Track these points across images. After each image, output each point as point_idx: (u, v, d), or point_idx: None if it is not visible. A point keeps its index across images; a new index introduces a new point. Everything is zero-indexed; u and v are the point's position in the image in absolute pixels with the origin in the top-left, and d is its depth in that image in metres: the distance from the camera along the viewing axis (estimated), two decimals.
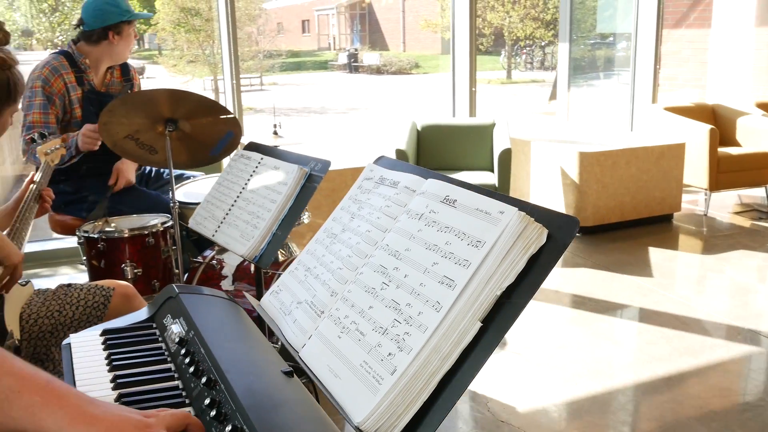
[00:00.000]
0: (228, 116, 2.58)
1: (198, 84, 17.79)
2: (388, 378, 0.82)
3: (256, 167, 2.27)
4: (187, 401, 1.12)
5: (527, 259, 0.82)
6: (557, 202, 4.99)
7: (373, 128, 14.26)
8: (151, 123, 2.55)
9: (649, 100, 6.04)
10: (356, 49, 29.07)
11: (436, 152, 4.97)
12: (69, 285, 2.08)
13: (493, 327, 0.80)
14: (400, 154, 4.48)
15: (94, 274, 2.71)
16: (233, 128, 2.62)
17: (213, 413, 1.03)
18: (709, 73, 7.05)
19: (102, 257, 2.68)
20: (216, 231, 2.24)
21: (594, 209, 4.86)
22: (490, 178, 4.51)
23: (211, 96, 16.26)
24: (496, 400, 2.76)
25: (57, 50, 3.15)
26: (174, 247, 2.79)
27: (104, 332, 1.42)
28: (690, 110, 5.75)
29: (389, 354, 0.84)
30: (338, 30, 33.71)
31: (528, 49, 24.45)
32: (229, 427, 0.98)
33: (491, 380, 2.91)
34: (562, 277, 4.16)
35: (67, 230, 3.16)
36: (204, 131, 2.62)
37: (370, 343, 0.89)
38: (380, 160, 1.24)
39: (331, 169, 4.38)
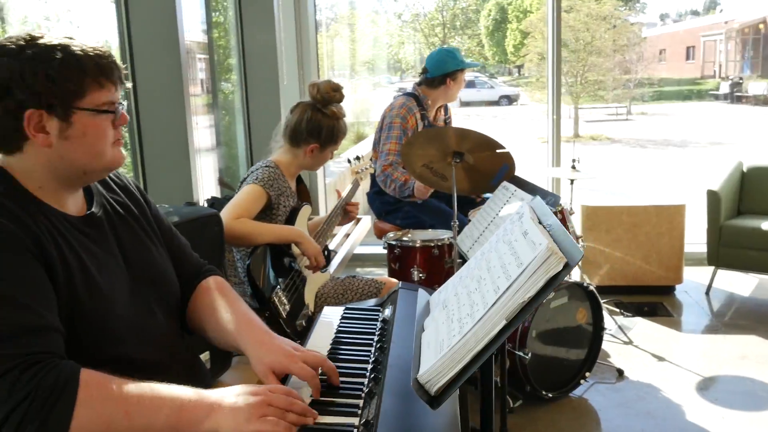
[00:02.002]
0: (503, 151, 2.99)
1: (564, 111, 18.31)
2: (445, 349, 1.17)
3: (510, 197, 2.64)
4: (370, 360, 1.58)
5: (546, 280, 1.10)
6: None
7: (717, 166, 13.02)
8: (441, 155, 3.08)
9: None
10: (741, 78, 26.61)
11: (761, 196, 4.66)
12: (354, 276, 2.71)
13: (511, 324, 1.11)
14: (711, 195, 4.35)
15: (391, 273, 3.34)
16: (508, 161, 3.01)
17: (371, 367, 1.48)
18: None
19: (397, 260, 3.30)
20: (470, 248, 2.66)
21: None
22: None
23: (571, 123, 16.66)
24: None
25: (407, 92, 3.91)
26: (458, 261, 3.28)
27: (346, 308, 1.96)
28: None
29: (453, 335, 1.19)
30: (725, 57, 31.19)
31: None
32: (372, 375, 1.41)
33: None
34: None
35: (384, 235, 3.88)
36: (484, 163, 3.06)
37: (451, 328, 1.24)
38: (533, 201, 1.55)
39: (632, 205, 4.49)
